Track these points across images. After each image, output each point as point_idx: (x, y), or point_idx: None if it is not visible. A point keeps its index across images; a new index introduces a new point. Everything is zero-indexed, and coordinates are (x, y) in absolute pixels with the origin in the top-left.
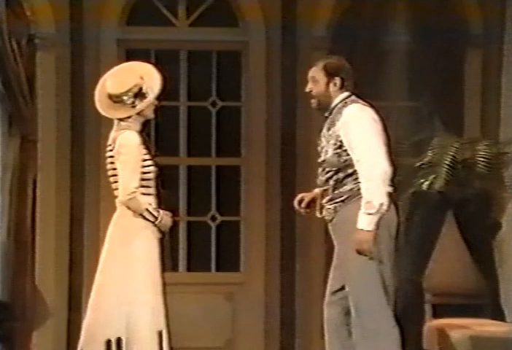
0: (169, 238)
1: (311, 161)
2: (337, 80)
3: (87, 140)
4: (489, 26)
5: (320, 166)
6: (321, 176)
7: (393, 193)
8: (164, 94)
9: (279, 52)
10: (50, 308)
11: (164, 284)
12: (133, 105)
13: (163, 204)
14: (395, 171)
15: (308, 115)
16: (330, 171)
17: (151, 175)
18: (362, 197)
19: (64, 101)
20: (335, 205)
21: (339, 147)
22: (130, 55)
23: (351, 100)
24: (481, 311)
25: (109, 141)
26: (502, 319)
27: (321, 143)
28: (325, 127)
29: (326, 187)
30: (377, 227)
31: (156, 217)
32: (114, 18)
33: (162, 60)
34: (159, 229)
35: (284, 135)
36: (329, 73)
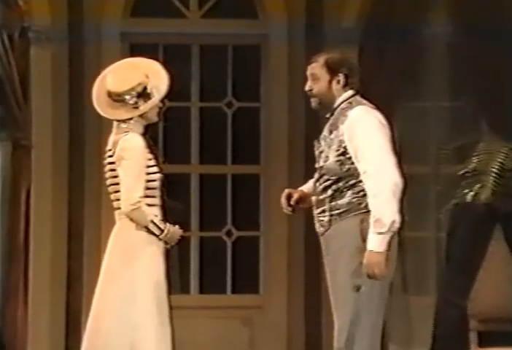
0: (178, 256)
1: None
2: (340, 77)
3: (87, 146)
4: None
5: (317, 172)
6: (317, 184)
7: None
8: (172, 94)
9: (303, 47)
10: (45, 334)
11: (171, 308)
12: (136, 106)
13: (172, 217)
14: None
15: None
16: (329, 180)
17: (156, 183)
18: (371, 213)
19: (61, 103)
20: (331, 217)
21: (342, 154)
22: (134, 51)
23: (356, 100)
24: None
25: (109, 146)
26: None
27: (320, 146)
28: (326, 129)
29: (322, 196)
30: (389, 248)
31: (162, 230)
32: (117, 9)
33: (171, 55)
34: (165, 244)
35: (309, 139)
36: (331, 69)
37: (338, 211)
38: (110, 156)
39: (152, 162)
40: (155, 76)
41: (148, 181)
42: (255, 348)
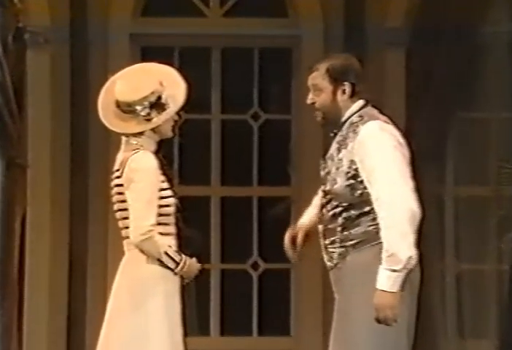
0: (196, 292)
1: None
2: (346, 86)
3: (91, 165)
4: None
5: (324, 196)
6: (325, 210)
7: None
8: (189, 105)
9: (341, 50)
10: None
11: None
12: (148, 118)
13: (189, 248)
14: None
15: None
16: (339, 206)
17: (170, 209)
18: (383, 247)
19: (62, 114)
20: (342, 249)
21: (353, 177)
22: (146, 54)
23: (367, 113)
24: None
25: (116, 165)
26: None
27: (326, 167)
28: (333, 147)
29: (332, 225)
30: (402, 288)
31: (177, 263)
32: (125, 7)
33: (188, 60)
34: (182, 279)
35: None
36: (334, 78)
37: (352, 242)
38: (118, 177)
39: (166, 184)
40: (171, 83)
41: (161, 206)
42: None
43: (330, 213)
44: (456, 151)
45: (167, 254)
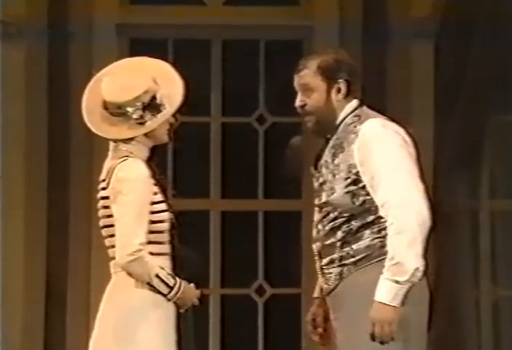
0: (193, 321)
1: None
2: (341, 84)
3: (72, 175)
4: None
5: (318, 211)
6: (320, 226)
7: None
8: (186, 106)
9: (360, 42)
10: None
11: None
12: (141, 121)
13: (185, 270)
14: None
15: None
16: (338, 218)
17: (164, 225)
18: (388, 255)
19: (38, 117)
20: (342, 268)
21: (353, 183)
22: (135, 47)
23: (364, 113)
24: None
25: (102, 175)
26: None
27: (320, 176)
28: (327, 153)
29: (329, 241)
30: (403, 303)
31: (171, 287)
32: None
33: (183, 54)
34: (176, 307)
35: None
36: (327, 76)
37: (354, 259)
38: (103, 188)
39: (159, 197)
40: (166, 81)
41: (153, 222)
42: None
43: (327, 227)
44: (492, 159)
45: (159, 278)
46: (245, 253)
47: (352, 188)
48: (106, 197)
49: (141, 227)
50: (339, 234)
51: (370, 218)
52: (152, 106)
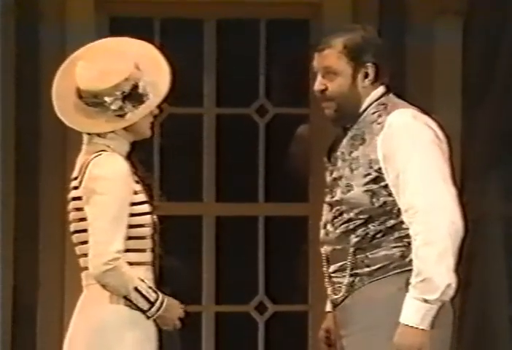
0: (180, 343)
1: None
2: (369, 69)
3: (42, 173)
4: None
5: (330, 209)
6: (331, 227)
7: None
8: (175, 96)
9: (376, 21)
10: None
11: None
12: (121, 113)
13: (170, 283)
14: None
15: None
16: (354, 220)
17: (145, 230)
18: (413, 270)
19: (4, 107)
20: (354, 278)
21: (374, 181)
22: (116, 27)
23: (391, 101)
24: None
25: (75, 172)
26: None
27: (334, 170)
28: (345, 144)
29: (341, 246)
30: (432, 325)
31: (152, 303)
32: None
33: (172, 36)
34: (157, 326)
35: None
36: (354, 58)
37: (368, 269)
38: (75, 188)
39: (141, 197)
40: (150, 66)
41: (132, 226)
42: None
43: (339, 230)
44: None
45: (138, 291)
46: (243, 264)
47: (372, 187)
48: (78, 197)
49: (119, 233)
50: (353, 239)
51: (390, 222)
52: (134, 96)
